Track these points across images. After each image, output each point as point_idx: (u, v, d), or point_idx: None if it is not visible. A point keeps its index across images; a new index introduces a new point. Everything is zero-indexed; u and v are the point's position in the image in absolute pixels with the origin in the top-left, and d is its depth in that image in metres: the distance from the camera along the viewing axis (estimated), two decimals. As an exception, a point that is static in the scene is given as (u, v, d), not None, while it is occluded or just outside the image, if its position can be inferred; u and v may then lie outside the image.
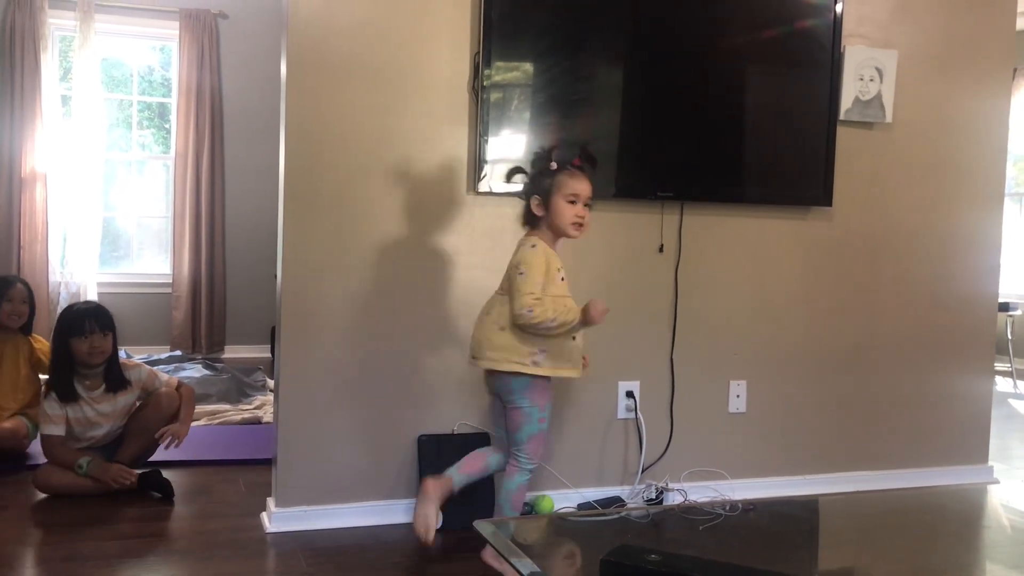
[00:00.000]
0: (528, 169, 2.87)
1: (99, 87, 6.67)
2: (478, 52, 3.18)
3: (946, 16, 3.85)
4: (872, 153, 3.78)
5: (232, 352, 6.88)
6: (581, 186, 2.76)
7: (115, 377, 3.66)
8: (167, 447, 3.70)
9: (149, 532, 3.15)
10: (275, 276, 3.23)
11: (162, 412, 3.73)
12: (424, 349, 3.25)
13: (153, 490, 3.50)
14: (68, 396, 3.57)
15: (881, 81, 3.69)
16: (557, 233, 2.81)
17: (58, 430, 3.54)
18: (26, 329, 4.14)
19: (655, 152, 3.44)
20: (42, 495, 3.48)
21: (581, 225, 2.79)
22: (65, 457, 3.52)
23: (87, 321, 3.57)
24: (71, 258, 6.63)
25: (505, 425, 2.89)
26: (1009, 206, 7.38)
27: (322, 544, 3.03)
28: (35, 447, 3.84)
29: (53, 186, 6.53)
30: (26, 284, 4.17)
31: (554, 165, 2.78)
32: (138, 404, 3.76)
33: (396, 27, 3.16)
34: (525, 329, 2.73)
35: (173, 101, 6.88)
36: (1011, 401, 6.19)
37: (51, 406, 3.55)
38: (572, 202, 2.76)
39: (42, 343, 4.17)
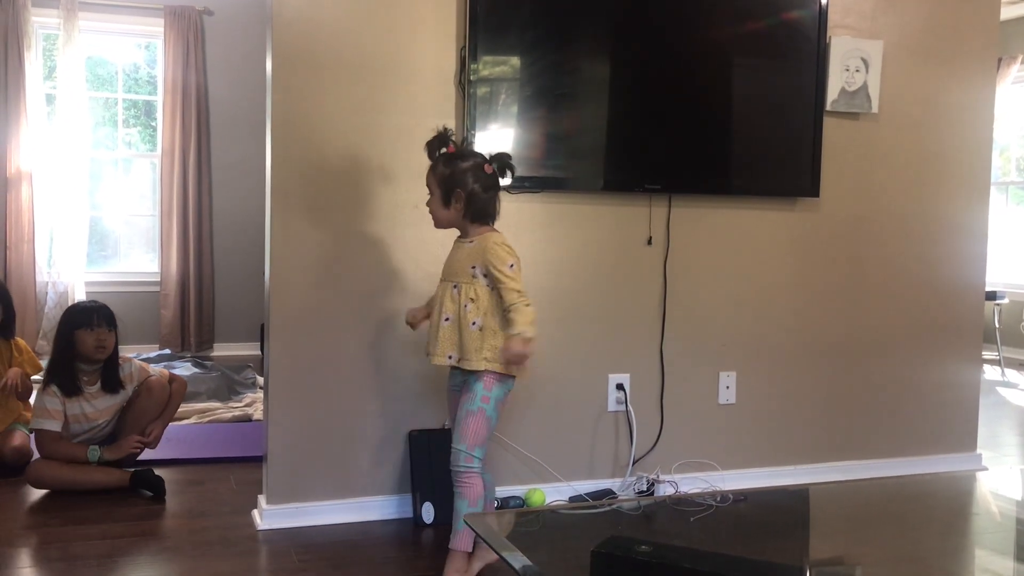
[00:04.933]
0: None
1: (84, 85, 6.62)
2: (464, 47, 3.18)
3: (931, 5, 3.86)
4: (859, 143, 3.79)
5: (222, 350, 6.86)
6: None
7: (112, 377, 3.66)
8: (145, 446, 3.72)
9: (140, 531, 3.14)
10: (263, 273, 3.23)
11: (154, 399, 3.74)
12: (413, 344, 3.25)
13: (145, 488, 3.49)
14: (70, 389, 3.56)
15: (867, 71, 3.70)
16: None
17: (55, 425, 3.53)
18: (7, 333, 3.99)
19: (642, 145, 3.44)
20: (32, 495, 3.47)
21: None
22: (69, 452, 3.53)
23: (95, 315, 3.60)
24: (58, 258, 6.58)
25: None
26: (995, 195, 7.41)
27: (314, 540, 3.03)
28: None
29: (39, 186, 6.48)
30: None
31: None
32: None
33: (381, 22, 3.15)
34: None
35: (159, 99, 6.83)
36: (999, 389, 6.22)
37: (51, 400, 3.53)
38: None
39: (27, 351, 4.05)
